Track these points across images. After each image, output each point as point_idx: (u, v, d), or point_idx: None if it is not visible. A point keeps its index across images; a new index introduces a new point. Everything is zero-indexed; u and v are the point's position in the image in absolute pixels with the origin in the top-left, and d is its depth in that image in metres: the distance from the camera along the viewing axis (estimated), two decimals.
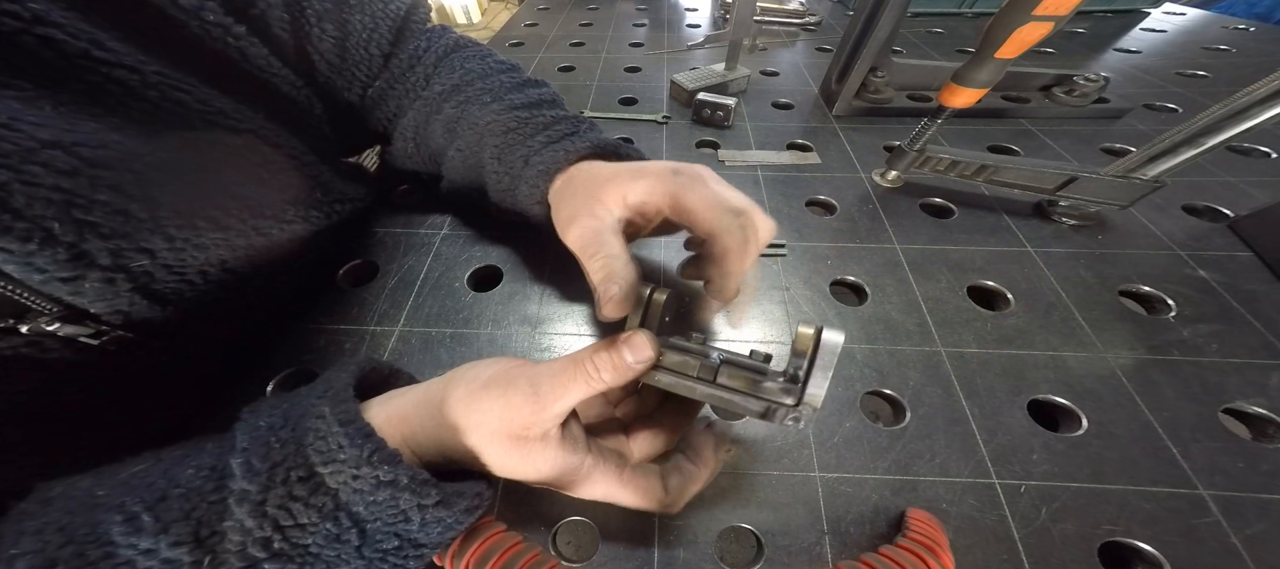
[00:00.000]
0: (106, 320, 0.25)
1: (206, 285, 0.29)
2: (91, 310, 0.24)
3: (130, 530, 0.18)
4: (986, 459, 0.30)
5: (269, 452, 0.20)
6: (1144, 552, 0.27)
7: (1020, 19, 0.34)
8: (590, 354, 0.22)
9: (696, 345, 0.24)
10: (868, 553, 0.25)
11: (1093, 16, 0.91)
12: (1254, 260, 0.41)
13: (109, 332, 0.26)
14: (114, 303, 0.25)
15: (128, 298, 0.25)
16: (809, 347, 0.21)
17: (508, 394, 0.22)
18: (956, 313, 0.38)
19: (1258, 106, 0.33)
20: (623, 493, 0.24)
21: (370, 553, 0.21)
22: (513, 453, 0.22)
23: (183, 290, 0.28)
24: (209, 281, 0.29)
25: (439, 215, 0.47)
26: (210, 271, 0.29)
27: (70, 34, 0.22)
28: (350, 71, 0.39)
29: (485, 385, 0.23)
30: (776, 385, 0.22)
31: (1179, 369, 0.34)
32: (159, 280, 0.26)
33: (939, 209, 0.48)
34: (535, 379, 0.22)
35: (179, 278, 0.27)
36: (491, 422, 0.22)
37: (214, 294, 0.30)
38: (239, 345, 0.36)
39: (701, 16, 0.97)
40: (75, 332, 0.24)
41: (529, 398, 0.21)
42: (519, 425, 0.22)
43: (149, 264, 0.25)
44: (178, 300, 0.28)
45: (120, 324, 0.26)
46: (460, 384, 0.23)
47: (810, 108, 0.65)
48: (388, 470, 0.20)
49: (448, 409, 0.23)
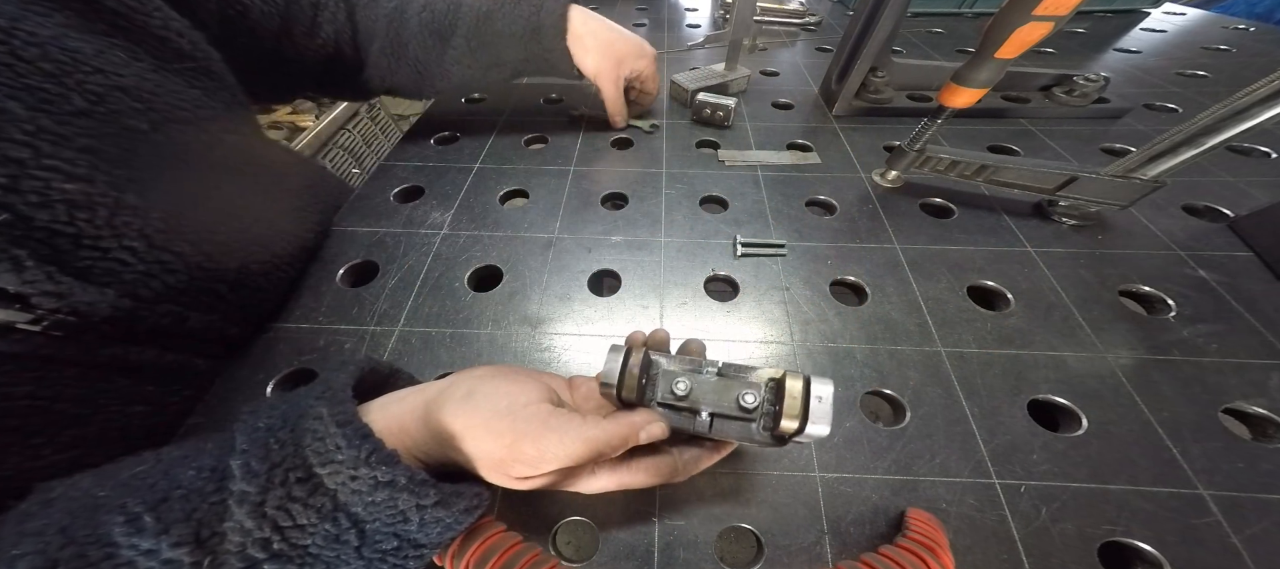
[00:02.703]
0: (36, 302, 0.24)
1: (142, 264, 0.28)
2: (9, 289, 0.23)
3: (132, 531, 0.18)
4: (986, 459, 0.30)
5: (268, 453, 0.20)
6: (1144, 552, 0.27)
7: (1020, 19, 0.34)
8: (605, 434, 0.22)
9: (687, 404, 0.24)
10: (868, 553, 0.25)
11: (1093, 16, 0.91)
12: (1254, 260, 0.41)
13: (47, 315, 0.25)
14: (30, 278, 0.23)
15: (45, 272, 0.24)
16: (798, 398, 0.22)
17: (516, 439, 0.22)
18: (956, 313, 0.38)
19: (1258, 106, 0.33)
20: (632, 478, 0.24)
21: (369, 553, 0.21)
22: (513, 482, 0.23)
23: (114, 268, 0.27)
24: (140, 258, 0.28)
25: (439, 215, 0.47)
26: (134, 245, 0.27)
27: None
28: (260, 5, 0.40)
29: (492, 418, 0.23)
30: (764, 436, 0.24)
31: (1179, 369, 0.34)
32: (71, 253, 0.25)
33: (939, 209, 0.48)
34: (542, 434, 0.22)
35: (97, 251, 0.26)
36: (495, 454, 0.22)
37: (153, 272, 0.29)
38: (235, 345, 0.36)
39: (701, 16, 0.97)
40: (6, 317, 0.24)
41: (533, 445, 0.22)
42: (517, 471, 0.22)
43: (14, 222, 0.23)
44: (114, 281, 0.27)
45: (57, 308, 0.25)
46: (459, 407, 0.23)
47: (810, 108, 0.65)
48: (386, 471, 0.20)
49: (446, 418, 0.23)
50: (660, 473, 0.25)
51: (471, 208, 0.48)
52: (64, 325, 0.25)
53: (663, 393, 0.24)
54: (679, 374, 0.24)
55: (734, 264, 0.43)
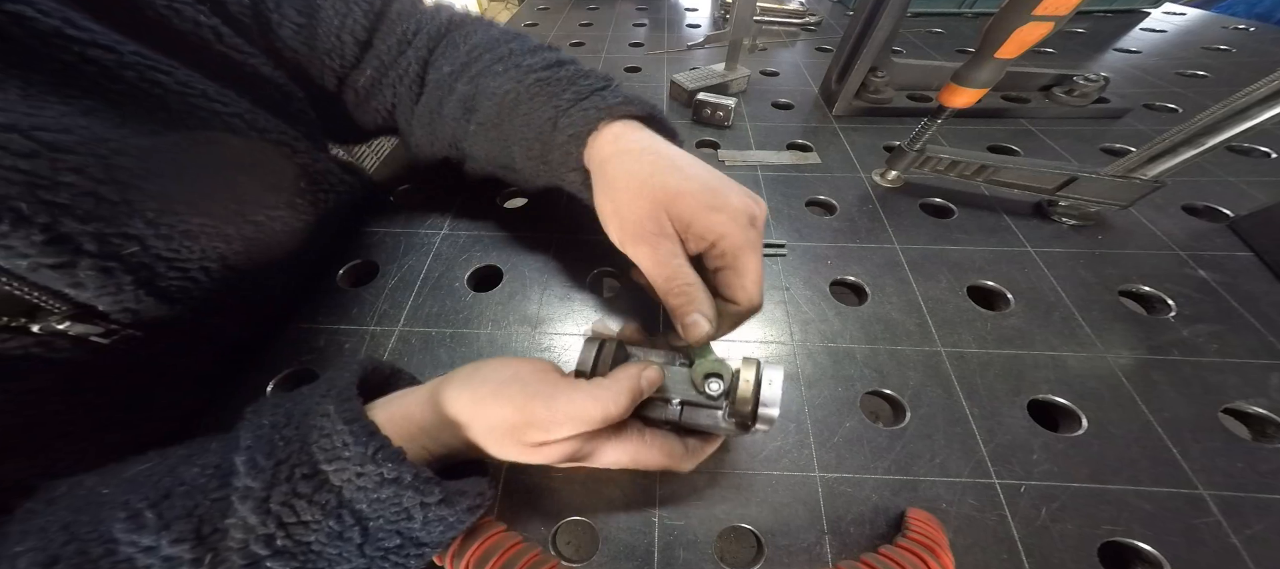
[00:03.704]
0: (115, 318, 0.25)
1: (210, 282, 0.29)
2: (99, 307, 0.24)
3: (133, 528, 0.18)
4: (986, 459, 0.30)
5: (273, 449, 0.20)
6: (1144, 552, 0.27)
7: (1020, 19, 0.34)
8: (610, 391, 0.23)
9: (660, 393, 0.26)
10: (868, 553, 0.25)
11: (1093, 16, 0.91)
12: (1254, 260, 0.41)
13: (119, 330, 0.25)
14: (119, 299, 0.25)
15: (133, 294, 0.25)
16: (748, 397, 0.24)
17: (527, 400, 0.22)
18: (956, 313, 0.38)
19: (1258, 106, 0.33)
20: (645, 453, 0.24)
21: (372, 551, 0.21)
22: (527, 453, 0.23)
23: (188, 287, 0.28)
24: (211, 277, 0.29)
25: (439, 215, 0.47)
26: (211, 266, 0.29)
27: (41, 11, 0.22)
28: (321, 60, 0.38)
29: (502, 385, 0.23)
30: (729, 424, 0.25)
31: (1179, 369, 0.34)
32: (163, 276, 0.26)
33: (939, 209, 0.48)
34: (553, 394, 0.22)
35: (181, 273, 0.27)
36: (509, 419, 0.22)
37: (216, 289, 0.29)
38: (240, 344, 0.36)
39: (701, 16, 0.97)
40: (85, 330, 0.24)
41: (545, 405, 0.22)
42: (532, 436, 0.22)
43: (141, 253, 0.25)
44: (185, 298, 0.28)
45: (130, 323, 0.26)
46: (464, 383, 0.23)
47: (810, 108, 0.65)
48: (391, 468, 0.20)
49: (450, 406, 0.23)
50: (672, 456, 0.25)
51: (471, 208, 0.48)
52: (128, 339, 0.26)
53: None
54: (651, 364, 0.26)
55: None
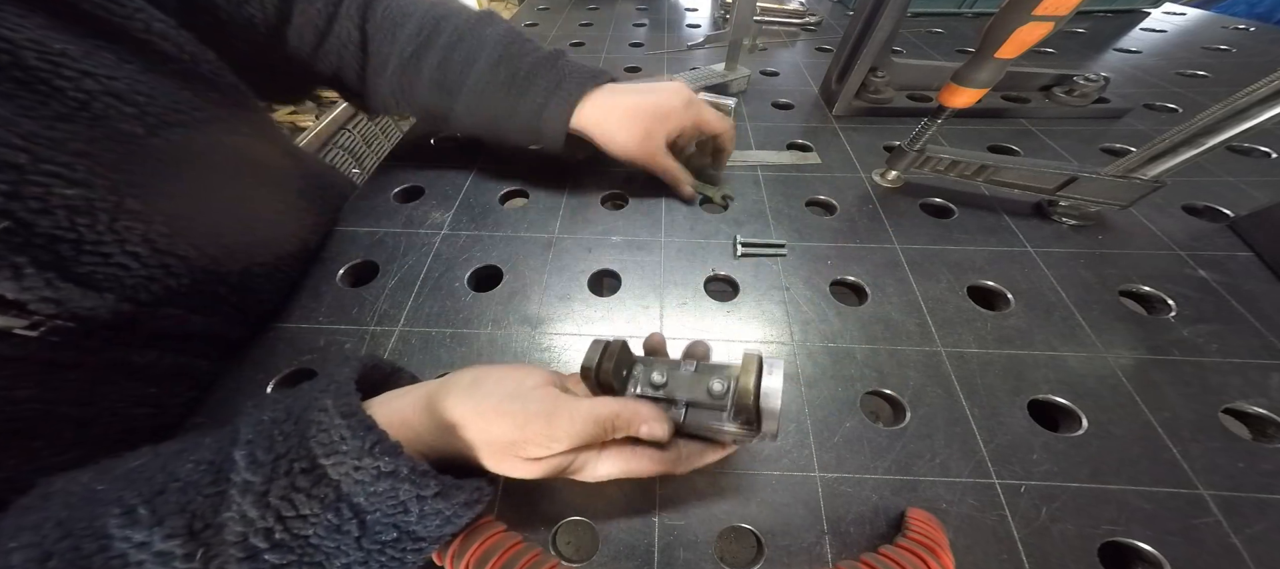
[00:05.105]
0: (34, 308, 0.24)
1: (144, 268, 0.28)
2: (6, 295, 0.23)
3: (126, 523, 0.18)
4: (986, 459, 0.30)
5: (273, 444, 0.20)
6: (1144, 552, 0.27)
7: (1020, 19, 0.34)
8: (610, 411, 0.24)
9: (664, 394, 0.26)
10: (868, 553, 0.25)
11: (1093, 16, 0.91)
12: (1254, 260, 0.41)
13: (45, 321, 0.24)
14: (25, 285, 0.23)
15: (38, 278, 0.24)
16: (750, 388, 0.23)
17: (527, 419, 0.23)
18: (956, 313, 0.38)
19: (1258, 106, 0.33)
20: (636, 462, 0.25)
21: (369, 544, 0.21)
22: (522, 467, 0.23)
23: (118, 274, 0.27)
24: (144, 263, 0.28)
25: (439, 214, 0.47)
26: (138, 251, 0.27)
27: None
28: (242, 8, 0.38)
29: (503, 401, 0.23)
30: (734, 424, 0.25)
31: (1179, 369, 0.34)
32: (74, 260, 0.25)
33: (939, 209, 0.48)
34: (552, 412, 0.23)
35: (101, 258, 0.26)
36: (507, 436, 0.23)
37: (156, 277, 0.28)
38: (236, 345, 0.36)
39: (701, 16, 0.97)
40: (4, 323, 0.23)
41: (545, 423, 0.23)
42: (530, 451, 0.23)
43: (21, 231, 0.23)
44: (116, 285, 0.27)
45: (56, 313, 0.25)
46: (467, 394, 0.23)
47: (810, 108, 0.65)
48: (389, 461, 0.20)
49: (450, 413, 0.23)
50: (664, 462, 0.25)
51: (471, 208, 0.48)
52: (61, 331, 0.25)
53: (642, 384, 0.26)
54: (656, 366, 0.26)
55: (734, 264, 0.43)
